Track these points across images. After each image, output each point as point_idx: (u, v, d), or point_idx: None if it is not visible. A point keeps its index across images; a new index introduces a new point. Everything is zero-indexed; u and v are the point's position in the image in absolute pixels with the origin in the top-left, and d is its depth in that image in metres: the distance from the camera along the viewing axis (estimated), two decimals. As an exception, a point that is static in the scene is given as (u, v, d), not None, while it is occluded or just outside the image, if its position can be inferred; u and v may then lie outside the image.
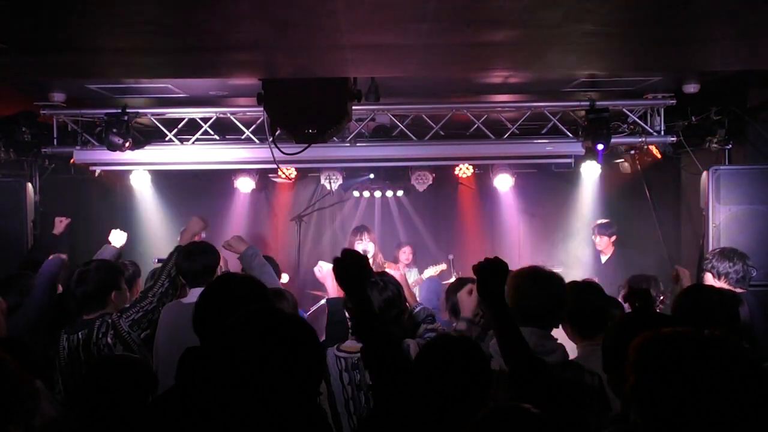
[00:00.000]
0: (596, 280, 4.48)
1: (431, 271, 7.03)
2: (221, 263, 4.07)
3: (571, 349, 3.10)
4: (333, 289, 4.26)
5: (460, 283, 3.70)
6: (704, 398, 1.51)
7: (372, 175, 7.93)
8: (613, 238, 6.95)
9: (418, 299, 5.04)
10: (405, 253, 7.59)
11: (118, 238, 5.49)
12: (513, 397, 2.28)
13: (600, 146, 5.81)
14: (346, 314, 3.30)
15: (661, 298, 4.40)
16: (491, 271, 2.40)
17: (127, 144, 5.86)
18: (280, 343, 1.72)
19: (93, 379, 2.64)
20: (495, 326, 2.42)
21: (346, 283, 2.46)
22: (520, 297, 2.82)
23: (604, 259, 7.04)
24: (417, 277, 7.30)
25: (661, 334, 1.65)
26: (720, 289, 3.48)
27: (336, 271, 2.45)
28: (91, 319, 3.55)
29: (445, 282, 6.20)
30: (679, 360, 1.56)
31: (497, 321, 2.39)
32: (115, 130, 5.81)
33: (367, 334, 2.43)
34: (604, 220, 7.04)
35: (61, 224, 5.73)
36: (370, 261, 6.10)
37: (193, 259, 3.70)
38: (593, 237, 7.04)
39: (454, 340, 2.50)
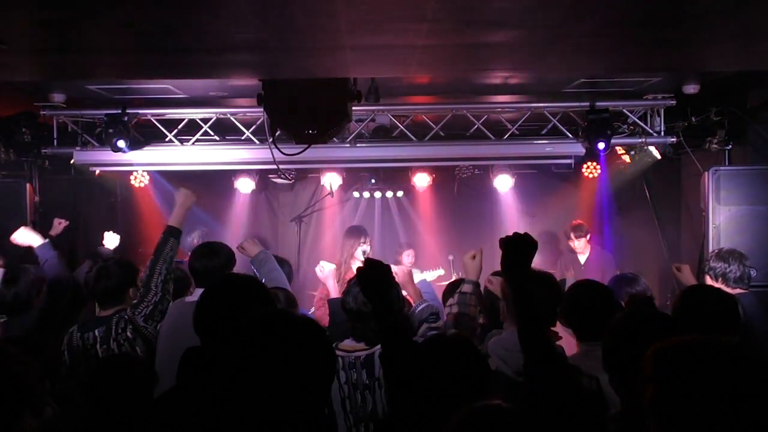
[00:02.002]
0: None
1: (432, 276, 7.00)
2: None
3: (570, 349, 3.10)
4: (334, 289, 4.27)
5: (455, 285, 3.71)
6: (729, 409, 1.47)
7: (374, 180, 7.95)
8: (588, 236, 6.99)
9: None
10: (409, 256, 7.56)
11: (111, 240, 5.52)
12: (527, 385, 2.19)
13: (601, 145, 5.80)
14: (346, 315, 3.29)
15: (648, 294, 4.39)
16: (518, 245, 2.29)
17: (124, 144, 5.83)
18: (296, 347, 1.70)
19: (96, 379, 2.65)
20: (516, 304, 2.24)
21: (371, 294, 2.48)
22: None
23: (582, 259, 7.07)
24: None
25: (679, 343, 1.60)
26: (720, 290, 3.47)
27: (361, 281, 2.47)
28: (107, 316, 3.58)
29: (444, 282, 6.19)
30: (703, 371, 1.51)
31: (518, 298, 2.22)
32: (112, 131, 5.80)
33: (391, 343, 2.43)
34: (576, 223, 7.08)
35: (59, 226, 5.75)
36: None
37: (207, 258, 3.70)
38: (569, 241, 7.07)
39: (449, 339, 2.49)
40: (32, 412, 2.02)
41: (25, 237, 4.82)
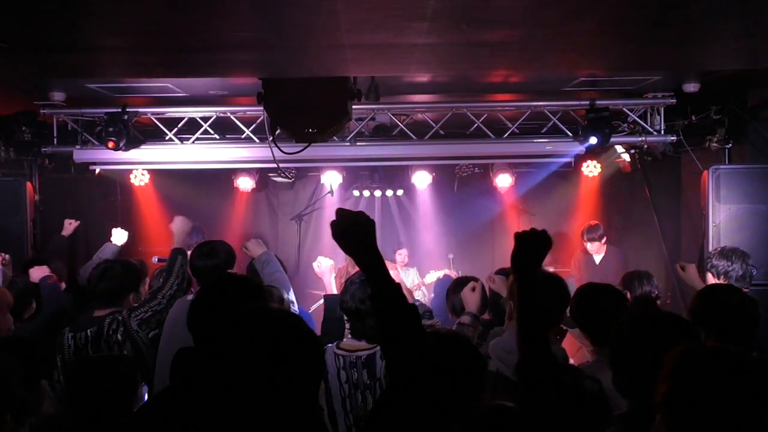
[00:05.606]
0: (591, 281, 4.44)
1: (433, 277, 7.01)
2: None
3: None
4: (330, 285, 4.27)
5: (460, 283, 3.71)
6: (744, 419, 1.49)
7: (376, 178, 7.97)
8: (604, 239, 6.97)
9: (427, 300, 5.04)
10: (401, 255, 7.61)
11: (119, 236, 5.54)
12: (519, 387, 2.13)
13: (593, 140, 5.79)
14: (344, 315, 3.28)
15: (656, 293, 4.39)
16: (534, 241, 2.20)
17: (116, 144, 5.81)
18: (277, 343, 1.67)
19: (78, 380, 2.64)
20: (520, 301, 2.16)
21: (349, 247, 2.08)
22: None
23: (598, 259, 7.05)
24: (418, 280, 7.30)
25: (706, 350, 1.63)
26: (740, 291, 3.32)
27: (335, 235, 2.07)
28: (101, 316, 3.56)
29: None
30: (723, 379, 1.54)
31: (524, 296, 2.14)
32: (112, 129, 5.79)
33: (384, 302, 2.05)
34: (591, 224, 7.06)
35: (70, 226, 5.84)
36: None
37: (208, 257, 3.74)
38: (585, 243, 7.06)
39: (444, 336, 2.47)
40: (14, 417, 1.96)
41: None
